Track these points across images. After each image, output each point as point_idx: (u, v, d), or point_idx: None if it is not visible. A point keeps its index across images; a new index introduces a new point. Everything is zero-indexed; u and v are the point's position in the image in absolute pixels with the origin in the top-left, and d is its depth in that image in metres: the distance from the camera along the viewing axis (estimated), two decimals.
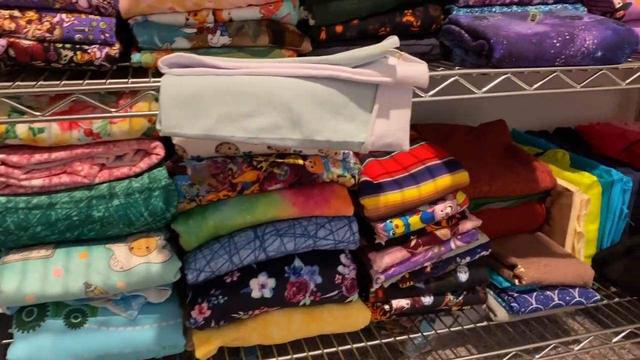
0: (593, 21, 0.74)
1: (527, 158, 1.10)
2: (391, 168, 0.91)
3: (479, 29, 0.73)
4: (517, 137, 1.32)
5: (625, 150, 1.24)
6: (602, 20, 0.75)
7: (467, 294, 0.96)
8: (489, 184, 1.03)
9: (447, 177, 0.86)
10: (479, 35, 0.73)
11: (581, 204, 1.05)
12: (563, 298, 0.96)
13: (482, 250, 0.93)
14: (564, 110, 1.43)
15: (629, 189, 1.08)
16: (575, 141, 1.32)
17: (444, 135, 1.18)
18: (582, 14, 0.79)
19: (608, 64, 0.73)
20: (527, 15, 0.76)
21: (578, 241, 1.08)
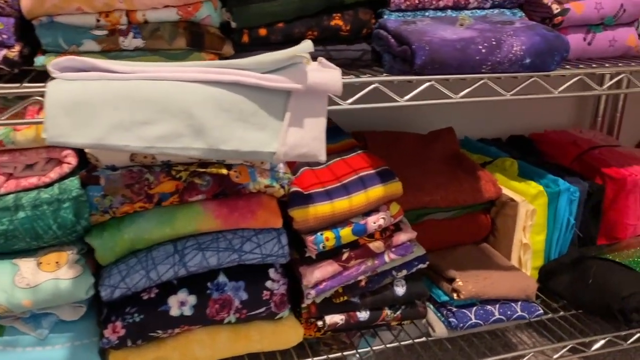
0: (523, 27, 0.71)
1: (472, 167, 1.07)
2: (324, 178, 0.87)
3: (404, 34, 0.69)
4: (468, 145, 1.29)
5: (576, 160, 1.22)
6: (533, 26, 0.72)
7: (405, 308, 0.92)
8: (431, 194, 1.00)
9: (379, 188, 0.83)
10: (403, 40, 0.69)
11: (526, 214, 1.03)
12: (504, 313, 0.93)
13: (419, 263, 0.90)
14: (520, 117, 1.41)
15: (575, 199, 1.05)
16: (528, 149, 1.30)
17: (391, 143, 1.14)
18: (514, 19, 0.76)
19: (538, 72, 0.71)
20: (456, 20, 0.73)
21: (524, 253, 1.05)
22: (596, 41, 0.89)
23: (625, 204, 1.12)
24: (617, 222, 1.13)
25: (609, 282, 0.95)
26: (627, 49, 0.92)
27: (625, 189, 1.10)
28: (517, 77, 0.71)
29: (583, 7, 0.86)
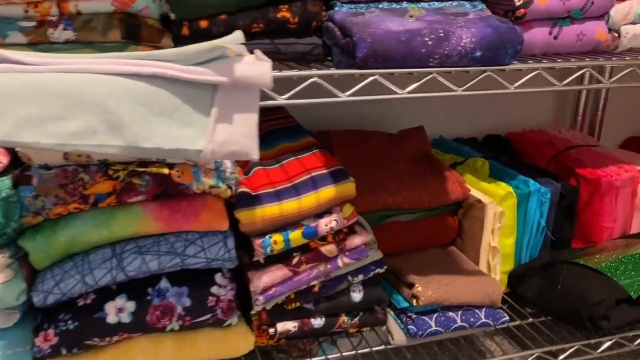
0: (476, 18, 0.67)
1: (440, 167, 1.03)
2: (276, 178, 0.83)
3: (347, 26, 0.66)
4: (442, 145, 1.25)
5: (552, 160, 1.18)
6: (486, 18, 0.68)
7: (363, 314, 0.88)
8: (393, 194, 0.96)
9: (330, 189, 0.79)
10: (347, 32, 0.65)
11: (495, 216, 0.98)
12: (467, 320, 0.88)
13: (376, 268, 0.86)
14: (499, 116, 1.37)
15: (546, 200, 1.01)
16: (504, 149, 1.26)
17: (358, 142, 1.10)
18: (470, 11, 0.72)
19: (491, 65, 0.67)
20: (407, 11, 0.69)
21: (493, 257, 1.00)
22: (563, 35, 0.85)
23: (600, 206, 1.08)
24: (592, 224, 1.09)
25: (578, 288, 0.91)
26: (596, 44, 0.88)
27: (599, 190, 1.06)
28: (469, 71, 0.67)
29: None
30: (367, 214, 0.95)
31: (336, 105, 1.23)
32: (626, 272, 0.94)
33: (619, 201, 1.08)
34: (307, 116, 1.19)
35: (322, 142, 1.07)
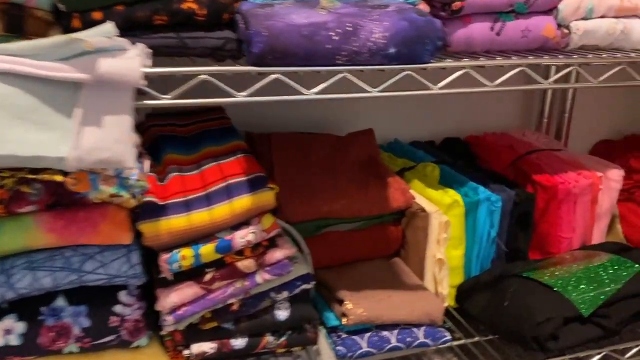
0: (392, 11, 0.60)
1: (384, 173, 0.96)
2: (192, 185, 0.76)
3: (248, 18, 0.58)
4: (396, 149, 1.18)
5: (512, 165, 1.11)
6: (403, 10, 0.61)
7: (292, 333, 0.81)
8: (330, 203, 0.89)
9: (246, 198, 0.72)
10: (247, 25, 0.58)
11: (440, 226, 0.92)
12: (403, 340, 0.81)
13: (302, 283, 0.79)
14: (461, 119, 1.30)
15: (497, 209, 0.94)
16: (463, 154, 1.19)
17: (301, 146, 1.03)
18: (391, 3, 0.65)
19: (408, 63, 0.60)
20: (318, 3, 0.62)
21: (440, 269, 0.94)
22: (506, 31, 0.78)
23: (558, 215, 1.01)
24: (549, 235, 1.02)
25: (524, 305, 0.84)
26: (543, 40, 0.81)
27: (556, 198, 0.99)
28: (385, 70, 0.60)
29: None
30: (302, 223, 0.88)
31: (292, 106, 1.16)
32: (579, 287, 0.87)
33: (577, 210, 1.02)
34: (261, 116, 1.13)
35: (262, 146, 1.01)
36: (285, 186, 0.90)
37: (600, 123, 1.42)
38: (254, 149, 1.01)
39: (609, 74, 0.81)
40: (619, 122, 1.45)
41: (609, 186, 1.04)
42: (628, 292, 0.88)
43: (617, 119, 1.44)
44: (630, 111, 1.45)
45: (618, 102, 1.42)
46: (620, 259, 0.95)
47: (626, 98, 1.43)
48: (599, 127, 1.42)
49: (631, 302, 0.88)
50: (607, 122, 1.43)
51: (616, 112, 1.43)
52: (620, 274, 0.91)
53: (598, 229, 1.07)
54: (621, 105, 1.43)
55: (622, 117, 1.45)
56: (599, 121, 1.42)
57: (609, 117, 1.43)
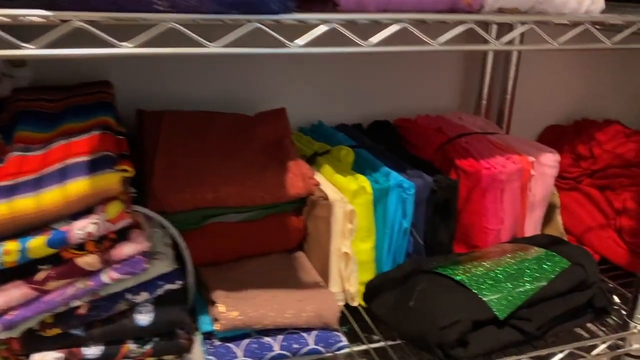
0: None
1: (287, 157, 0.85)
2: (29, 167, 0.64)
3: None
4: (317, 131, 1.07)
5: (440, 150, 1.00)
6: None
7: (159, 340, 0.69)
8: (215, 189, 0.77)
9: (82, 181, 0.60)
10: None
11: (344, 215, 0.81)
12: (289, 346, 0.70)
13: (165, 283, 0.67)
14: (397, 100, 1.19)
15: (409, 197, 0.84)
16: (390, 137, 1.08)
17: (198, 126, 0.91)
18: None
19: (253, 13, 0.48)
20: None
21: (346, 265, 0.83)
22: None
23: (482, 204, 0.90)
24: (474, 226, 0.92)
25: (429, 306, 0.73)
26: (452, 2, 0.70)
27: (479, 185, 0.89)
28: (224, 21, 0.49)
29: None
30: (182, 213, 0.77)
31: (200, 83, 1.05)
32: (497, 286, 0.77)
33: (505, 198, 0.91)
34: (166, 95, 1.01)
35: (151, 125, 0.90)
36: (165, 170, 0.79)
37: (548, 107, 1.32)
38: (142, 128, 0.89)
39: (570, 35, 0.68)
40: (570, 105, 1.35)
41: (543, 172, 0.94)
42: (552, 292, 0.78)
43: (568, 102, 1.35)
44: (582, 94, 1.35)
45: (569, 84, 1.32)
46: (548, 254, 0.85)
47: (578, 79, 1.33)
48: (546, 111, 1.33)
49: (556, 303, 0.78)
50: (556, 106, 1.33)
51: (567, 95, 1.34)
52: (547, 270, 0.81)
53: (531, 220, 0.97)
54: (573, 87, 1.33)
55: (574, 101, 1.35)
56: (546, 105, 1.32)
57: (558, 100, 1.33)
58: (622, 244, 1.06)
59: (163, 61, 1.01)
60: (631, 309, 0.85)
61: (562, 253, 0.85)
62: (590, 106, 1.36)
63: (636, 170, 1.18)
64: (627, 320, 0.85)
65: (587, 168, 1.22)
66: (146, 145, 0.85)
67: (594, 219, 1.10)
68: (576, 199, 1.15)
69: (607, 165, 1.19)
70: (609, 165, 1.19)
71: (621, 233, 1.07)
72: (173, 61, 1.01)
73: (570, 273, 0.80)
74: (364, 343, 0.79)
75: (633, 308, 0.85)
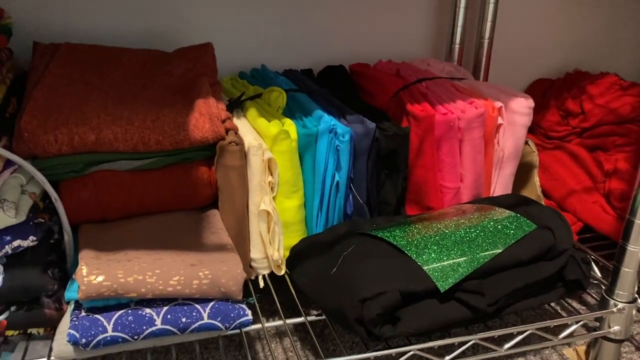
0: None
1: (196, 96, 0.70)
2: None
3: None
4: (256, 75, 0.93)
5: (395, 96, 0.85)
6: None
7: (17, 310, 0.57)
8: (98, 129, 0.63)
9: None
10: None
11: (262, 165, 0.67)
12: (175, 321, 0.57)
13: (14, 239, 0.54)
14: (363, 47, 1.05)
15: (343, 144, 0.69)
16: (342, 83, 0.93)
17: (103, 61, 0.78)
18: None
19: None
20: None
21: (268, 226, 0.69)
22: None
23: (437, 157, 0.76)
24: (427, 183, 0.77)
25: (352, 275, 0.59)
26: None
27: (432, 133, 0.74)
28: None
29: None
30: (62, 158, 0.64)
31: (116, 16, 0.91)
32: (442, 252, 0.63)
33: (465, 150, 0.77)
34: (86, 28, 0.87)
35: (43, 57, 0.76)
36: (41, 107, 0.65)
37: (534, 56, 1.17)
38: (33, 61, 0.76)
39: None
40: (560, 55, 1.19)
41: (513, 121, 0.79)
42: (511, 260, 0.64)
43: (557, 51, 1.18)
44: (574, 41, 1.19)
45: (558, 29, 1.16)
46: (512, 216, 0.70)
47: (570, 24, 1.17)
48: (531, 61, 1.17)
49: (516, 274, 0.64)
50: (542, 56, 1.17)
51: (555, 43, 1.17)
52: (507, 235, 0.67)
53: (500, 179, 0.82)
54: (563, 33, 1.17)
55: (563, 50, 1.19)
56: (531, 53, 1.16)
57: (545, 48, 1.17)
58: (610, 210, 0.91)
59: None
60: (611, 284, 0.70)
61: (528, 215, 0.70)
62: (583, 56, 1.19)
63: (631, 127, 1.03)
64: (605, 296, 0.71)
65: (576, 126, 1.07)
66: (30, 80, 0.71)
67: (578, 181, 0.95)
68: (559, 158, 1.00)
69: (599, 122, 1.04)
70: (601, 121, 1.04)
71: (610, 198, 0.92)
72: None
73: (535, 238, 0.66)
74: (281, 318, 0.65)
75: (613, 282, 0.70)
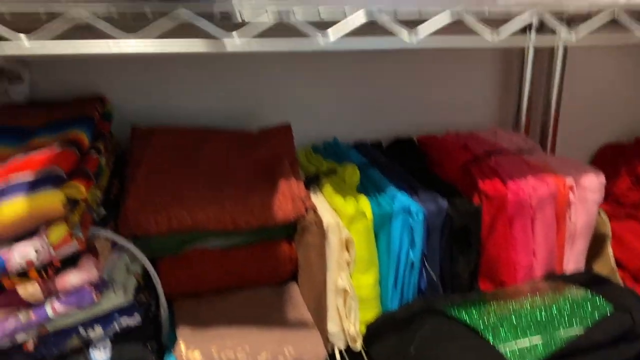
0: None
1: (280, 177, 0.76)
2: None
3: None
4: (329, 149, 0.98)
5: (463, 170, 0.88)
6: None
7: None
8: (192, 211, 0.69)
9: (20, 200, 0.54)
10: None
11: (340, 244, 0.71)
12: None
13: (122, 317, 0.60)
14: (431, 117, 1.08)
15: (417, 223, 0.72)
16: (413, 156, 0.97)
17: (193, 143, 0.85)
18: None
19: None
20: None
21: (344, 301, 0.72)
22: None
23: (509, 234, 0.77)
24: (500, 259, 0.79)
25: (430, 356, 0.61)
26: None
27: (505, 211, 0.76)
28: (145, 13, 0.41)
29: None
30: (161, 238, 0.70)
31: (199, 96, 0.98)
32: (519, 334, 0.64)
33: (538, 227, 0.78)
34: (170, 110, 0.96)
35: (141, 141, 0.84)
36: (143, 190, 0.72)
37: (602, 121, 1.17)
38: (132, 145, 0.84)
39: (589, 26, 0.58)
40: (630, 119, 1.19)
41: (585, 198, 0.80)
42: (589, 343, 0.64)
43: (627, 115, 1.18)
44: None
45: (627, 92, 1.16)
46: (588, 296, 0.71)
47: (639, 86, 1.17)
48: (600, 126, 1.17)
49: (593, 358, 0.64)
50: (611, 120, 1.17)
51: (625, 106, 1.17)
52: (584, 316, 0.67)
53: (572, 254, 0.82)
54: (632, 96, 1.17)
55: (634, 113, 1.18)
56: (599, 118, 1.16)
57: (614, 112, 1.17)
58: None
59: (164, 74, 0.95)
60: None
61: (605, 295, 0.70)
62: None
63: None
64: None
65: None
66: (131, 164, 0.78)
67: None
68: (633, 228, 0.99)
69: None
70: None
71: None
72: (174, 74, 0.95)
73: (613, 319, 0.66)
74: None
75: None
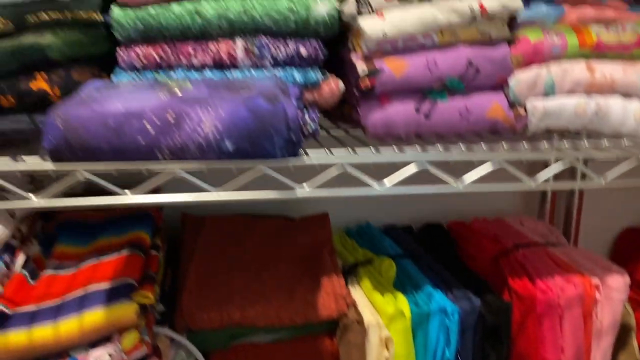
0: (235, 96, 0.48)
1: (322, 271, 0.81)
2: (56, 290, 0.65)
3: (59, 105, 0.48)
4: (363, 234, 1.03)
5: (493, 263, 0.93)
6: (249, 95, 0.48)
7: None
8: (242, 308, 0.74)
9: (99, 311, 0.59)
10: None
11: (380, 343, 0.75)
12: None
13: None
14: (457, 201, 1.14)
15: (453, 323, 0.77)
16: (442, 244, 1.02)
17: (240, 232, 0.91)
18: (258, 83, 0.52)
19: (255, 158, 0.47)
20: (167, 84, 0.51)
21: None
22: (438, 113, 0.64)
23: (539, 332, 0.81)
24: (529, 355, 0.82)
25: None
26: (492, 123, 0.66)
27: (535, 310, 0.80)
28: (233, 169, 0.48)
29: (405, 66, 0.61)
30: (212, 332, 0.75)
31: None
32: None
33: (566, 326, 0.82)
34: None
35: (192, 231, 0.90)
36: (197, 285, 0.78)
37: (623, 206, 1.21)
38: (184, 235, 0.90)
39: (616, 171, 0.66)
40: None
41: (610, 297, 0.84)
42: None
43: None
44: None
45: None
46: None
47: None
48: (621, 211, 1.21)
49: None
50: (632, 205, 1.21)
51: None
52: None
53: (599, 349, 0.85)
54: None
55: None
56: (620, 203, 1.20)
57: (635, 197, 1.21)
58: None
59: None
60: None
61: None
62: None
63: None
64: None
65: None
66: (183, 255, 0.84)
67: None
68: None
69: None
70: None
71: None
72: None
73: None
74: None
75: None
